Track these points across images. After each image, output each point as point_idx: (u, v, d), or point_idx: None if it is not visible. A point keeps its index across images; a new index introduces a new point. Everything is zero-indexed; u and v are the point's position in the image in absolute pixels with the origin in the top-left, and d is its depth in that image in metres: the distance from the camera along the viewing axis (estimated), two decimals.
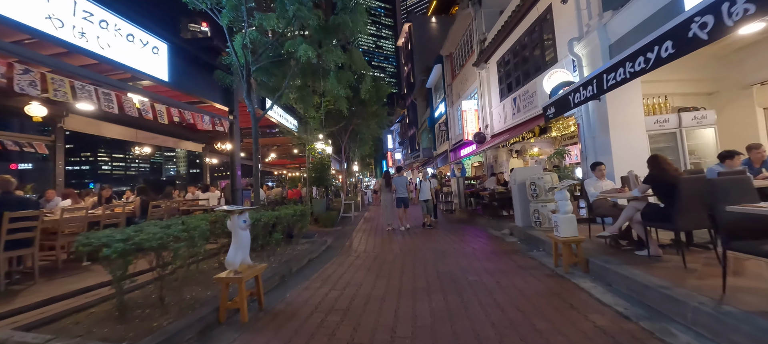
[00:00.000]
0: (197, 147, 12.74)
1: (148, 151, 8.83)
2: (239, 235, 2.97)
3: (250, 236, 3.09)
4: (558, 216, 4.01)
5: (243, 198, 6.56)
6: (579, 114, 6.79)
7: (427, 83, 23.13)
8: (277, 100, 5.94)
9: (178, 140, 11.06)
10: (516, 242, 5.92)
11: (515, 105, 10.31)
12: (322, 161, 10.15)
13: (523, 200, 6.43)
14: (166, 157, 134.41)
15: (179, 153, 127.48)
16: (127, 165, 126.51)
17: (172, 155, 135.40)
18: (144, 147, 8.68)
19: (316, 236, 6.75)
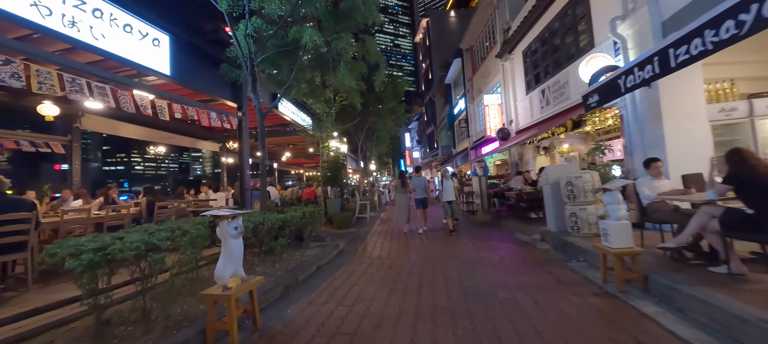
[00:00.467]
0: (214, 147, 12.74)
1: (163, 150, 8.77)
2: (229, 244, 2.55)
3: (242, 245, 2.66)
4: (608, 223, 3.35)
5: (252, 199, 6.25)
6: (622, 104, 5.98)
7: (446, 79, 22.35)
8: (285, 93, 5.56)
9: (195, 139, 11.07)
10: (549, 249, 5.23)
11: (543, 98, 9.48)
12: (337, 160, 9.76)
13: (557, 202, 5.71)
14: (193, 157, 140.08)
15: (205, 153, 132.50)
16: (158, 165, 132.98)
17: (199, 156, 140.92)
18: (158, 146, 8.61)
19: (328, 240, 6.34)
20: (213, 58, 5.61)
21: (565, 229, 5.56)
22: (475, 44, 16.47)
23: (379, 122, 16.56)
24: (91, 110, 7.25)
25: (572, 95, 8.02)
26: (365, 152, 19.15)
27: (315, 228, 5.37)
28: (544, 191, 6.08)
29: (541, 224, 6.73)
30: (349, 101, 6.53)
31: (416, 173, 9.13)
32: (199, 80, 5.44)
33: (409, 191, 8.24)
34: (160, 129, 9.16)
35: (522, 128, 11.26)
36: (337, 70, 5.23)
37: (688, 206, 3.81)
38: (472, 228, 7.99)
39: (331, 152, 9.78)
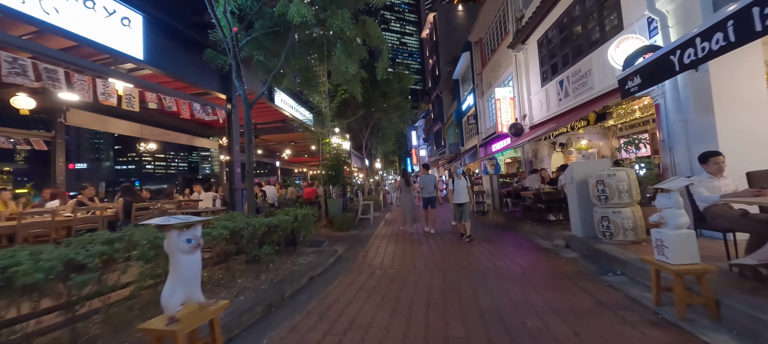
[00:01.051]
0: (213, 144, 12.29)
1: (154, 147, 8.30)
2: (180, 262, 1.97)
3: (200, 261, 2.07)
4: (665, 233, 2.66)
5: (244, 199, 5.70)
6: (659, 92, 5.23)
7: (454, 75, 21.58)
8: (277, 81, 4.99)
9: (192, 136, 10.60)
10: (577, 259, 4.54)
11: (562, 89, 8.72)
12: (338, 157, 9.17)
13: (584, 204, 5.01)
14: (202, 156, 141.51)
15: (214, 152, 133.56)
16: (168, 165, 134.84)
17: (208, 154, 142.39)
18: (149, 143, 8.15)
19: (326, 244, 5.75)
20: (196, 42, 5.06)
21: (593, 234, 4.86)
22: (484, 36, 15.70)
23: (385, 119, 15.94)
24: (76, 104, 6.80)
25: (596, 84, 7.27)
26: (370, 150, 18.56)
27: (309, 232, 4.79)
28: (568, 192, 5.38)
29: (563, 228, 6.03)
30: (350, 90, 5.93)
31: (424, 171, 8.62)
32: (180, 67, 4.88)
33: (414, 189, 7.91)
34: (154, 125, 8.70)
35: (536, 122, 10.51)
36: (334, 54, 4.62)
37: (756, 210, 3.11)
38: (485, 231, 7.30)
39: (332, 149, 9.19)
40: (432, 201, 7.59)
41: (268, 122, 11.07)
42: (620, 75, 4.10)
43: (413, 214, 7.71)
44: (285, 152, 13.95)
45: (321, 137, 8.85)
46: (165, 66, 4.51)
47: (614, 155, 10.78)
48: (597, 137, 10.81)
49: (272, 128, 11.69)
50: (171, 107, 4.42)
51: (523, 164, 11.61)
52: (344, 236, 7.23)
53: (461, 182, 6.46)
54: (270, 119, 10.80)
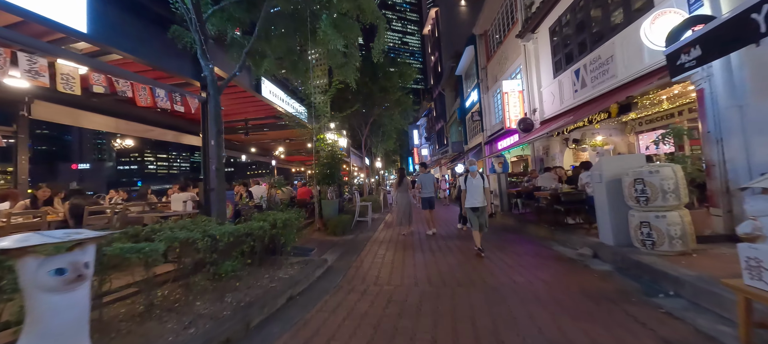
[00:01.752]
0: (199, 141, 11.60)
1: (131, 143, 7.61)
2: (43, 307, 1.24)
3: (83, 303, 1.34)
4: (765, 249, 1.91)
5: (224, 201, 4.97)
6: (703, 75, 4.47)
7: (457, 70, 20.82)
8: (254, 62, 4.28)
9: (179, 133, 9.90)
10: (612, 272, 3.79)
11: (578, 79, 7.95)
12: (334, 154, 8.44)
13: (617, 206, 4.25)
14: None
15: None
16: (170, 165, 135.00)
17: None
18: (126, 139, 7.46)
19: (315, 252, 5.03)
20: (160, 17, 4.33)
21: (628, 242, 4.10)
22: (489, 28, 14.92)
23: (385, 116, 15.22)
24: (40, 95, 6.13)
25: (619, 71, 6.51)
26: (370, 149, 17.85)
27: (291, 240, 4.06)
28: (595, 192, 4.62)
29: (586, 234, 5.27)
30: (343, 76, 5.20)
31: (423, 170, 8.02)
32: (140, 45, 4.14)
33: (411, 190, 7.53)
34: (133, 120, 8.00)
35: (547, 117, 9.74)
36: (319, 27, 3.89)
37: None
38: (494, 236, 6.55)
39: (326, 145, 8.47)
40: (431, 202, 7.30)
41: (260, 117, 10.37)
42: (670, 49, 3.34)
43: (408, 215, 7.22)
44: (278, 150, 13.22)
45: (314, 132, 8.13)
46: (118, 43, 3.79)
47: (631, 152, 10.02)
48: (613, 132, 10.05)
49: (264, 125, 11.00)
50: (125, 93, 3.70)
51: (533, 162, 10.85)
52: (338, 242, 6.50)
53: (476, 181, 4.95)
54: (262, 115, 10.10)
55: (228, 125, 11.41)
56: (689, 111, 7.30)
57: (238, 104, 9.19)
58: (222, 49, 4.69)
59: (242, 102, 8.80)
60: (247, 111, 9.94)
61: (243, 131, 11.10)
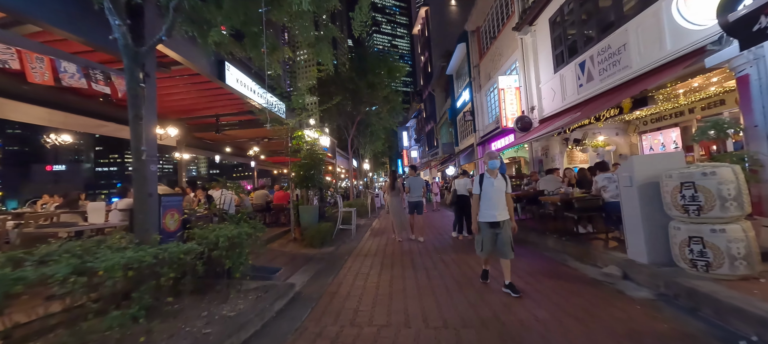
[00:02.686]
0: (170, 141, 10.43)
1: (69, 139, 6.45)
2: None
3: None
4: None
5: (161, 213, 3.93)
6: (746, 59, 3.74)
7: (448, 69, 20.18)
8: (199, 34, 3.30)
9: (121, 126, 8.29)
10: (655, 301, 2.96)
11: (583, 73, 7.25)
12: (314, 154, 7.47)
13: (653, 215, 3.46)
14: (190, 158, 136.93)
15: None
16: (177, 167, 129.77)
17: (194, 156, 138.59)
18: (61, 135, 6.29)
19: (282, 272, 4.04)
20: None
21: (668, 261, 3.30)
22: (482, 24, 14.27)
23: (373, 115, 14.30)
24: None
25: (634, 62, 5.80)
26: (358, 150, 16.88)
27: (241, 263, 3.06)
28: (624, 198, 3.82)
29: (604, 247, 4.48)
30: (317, 55, 4.27)
31: (412, 172, 7.45)
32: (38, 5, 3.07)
33: (401, 192, 6.97)
34: (72, 112, 6.81)
35: (547, 115, 9.04)
36: None
37: None
38: None
39: (304, 143, 7.50)
40: (419, 206, 6.89)
41: (233, 112, 9.31)
42: (737, 14, 2.55)
43: (401, 220, 6.91)
44: (252, 150, 12.12)
45: (291, 129, 7.15)
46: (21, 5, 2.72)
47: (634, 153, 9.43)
48: (615, 132, 9.45)
49: (238, 121, 9.92)
50: (6, 63, 2.66)
51: (532, 164, 10.13)
52: (315, 256, 5.52)
53: (497, 183, 3.37)
54: (234, 110, 9.03)
55: (198, 120, 10.31)
56: (702, 109, 6.70)
57: (205, 97, 8.11)
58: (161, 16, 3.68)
59: (209, 94, 7.74)
60: (217, 105, 8.86)
61: (214, 128, 10.02)
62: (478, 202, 3.43)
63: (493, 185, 3.35)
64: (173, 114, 9.45)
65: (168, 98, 7.89)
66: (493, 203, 3.34)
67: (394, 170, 8.44)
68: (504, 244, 3.31)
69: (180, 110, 9.14)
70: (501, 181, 3.40)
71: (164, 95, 7.53)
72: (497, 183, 3.37)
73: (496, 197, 3.35)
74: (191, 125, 10.35)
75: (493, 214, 3.33)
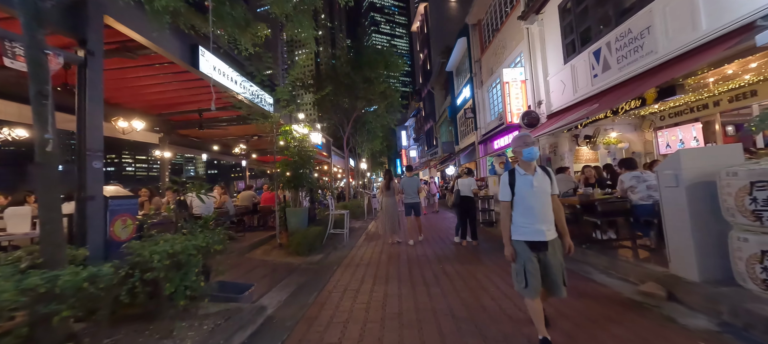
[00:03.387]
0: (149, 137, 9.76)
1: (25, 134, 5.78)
2: None
3: None
4: None
5: (108, 219, 3.25)
6: None
7: (448, 66, 19.57)
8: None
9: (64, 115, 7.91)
10: (721, 334, 2.31)
11: (598, 62, 6.60)
12: (303, 151, 6.81)
13: (705, 221, 2.81)
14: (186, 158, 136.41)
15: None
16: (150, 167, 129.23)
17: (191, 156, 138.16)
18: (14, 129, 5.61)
19: (252, 290, 3.36)
20: None
21: (728, 279, 2.65)
22: (484, 17, 13.63)
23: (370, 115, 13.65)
24: None
25: (660, 46, 5.15)
26: (354, 149, 16.23)
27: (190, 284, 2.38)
28: (668, 200, 3.17)
29: (633, 256, 3.82)
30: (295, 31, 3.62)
31: (408, 173, 7.05)
32: None
33: (395, 193, 6.73)
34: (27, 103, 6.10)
35: (556, 109, 8.40)
36: None
37: None
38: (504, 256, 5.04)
39: (292, 139, 6.84)
40: (415, 208, 6.63)
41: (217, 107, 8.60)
42: None
43: (393, 222, 6.59)
44: (238, 147, 11.44)
45: (277, 124, 6.49)
46: None
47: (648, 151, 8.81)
48: (627, 128, 8.82)
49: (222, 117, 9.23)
50: None
51: (542, 162, 9.45)
52: (299, 266, 4.85)
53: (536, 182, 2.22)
54: (219, 104, 8.33)
55: (181, 116, 9.60)
56: (728, 101, 6.06)
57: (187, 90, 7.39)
58: None
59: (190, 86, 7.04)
60: (201, 99, 8.17)
61: (196, 124, 9.32)
62: (509, 212, 2.27)
63: (532, 185, 2.19)
64: (154, 109, 8.75)
65: (145, 89, 7.19)
66: (534, 212, 2.18)
67: (389, 169, 7.83)
68: (554, 275, 2.16)
69: (161, 104, 8.45)
70: (543, 178, 2.24)
71: (140, 86, 6.85)
72: (538, 182, 2.21)
73: (539, 202, 2.19)
74: (175, 121, 9.66)
75: (537, 229, 2.17)
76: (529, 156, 2.24)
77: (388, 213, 6.65)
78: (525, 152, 2.25)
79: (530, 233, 2.19)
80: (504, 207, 2.31)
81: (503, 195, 2.31)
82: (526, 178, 2.24)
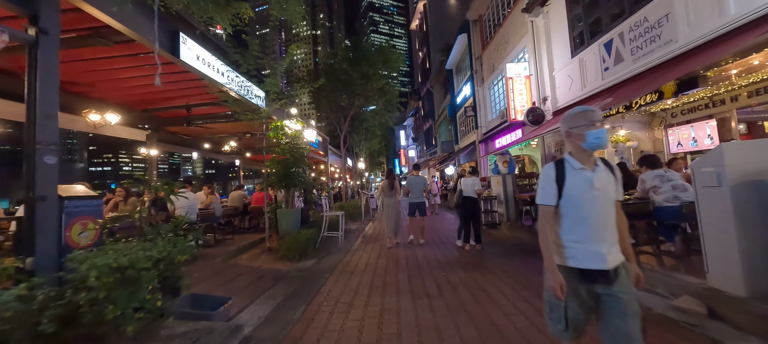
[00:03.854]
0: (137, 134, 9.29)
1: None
2: None
3: None
4: None
5: (64, 222, 2.83)
6: None
7: (448, 64, 19.20)
8: None
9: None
10: None
11: (609, 54, 6.21)
12: (294, 148, 6.39)
13: (753, 227, 2.41)
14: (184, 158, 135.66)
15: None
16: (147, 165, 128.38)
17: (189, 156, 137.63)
18: None
19: (230, 304, 2.93)
20: None
21: None
22: (485, 12, 13.24)
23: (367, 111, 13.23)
24: None
25: (680, 35, 4.76)
26: (352, 148, 15.81)
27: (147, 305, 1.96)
28: (707, 202, 2.76)
29: (658, 265, 3.43)
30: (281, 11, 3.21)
31: (415, 172, 6.78)
32: None
33: (397, 193, 6.45)
34: None
35: (563, 105, 8.01)
36: None
37: None
38: (511, 262, 4.63)
39: (283, 136, 6.42)
40: (421, 208, 6.41)
41: (206, 102, 8.16)
42: None
43: (396, 223, 6.33)
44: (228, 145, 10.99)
45: (267, 119, 6.07)
46: None
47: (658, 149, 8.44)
48: (636, 126, 8.45)
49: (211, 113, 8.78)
50: None
51: (544, 162, 9.07)
52: (288, 273, 4.42)
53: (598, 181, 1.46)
54: (209, 99, 7.89)
55: (169, 112, 9.14)
56: (748, 96, 5.70)
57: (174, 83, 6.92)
58: None
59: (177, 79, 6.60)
60: (189, 94, 7.72)
61: (185, 120, 8.88)
62: (552, 222, 1.53)
63: (592, 184, 1.45)
64: (139, 104, 8.29)
65: (128, 83, 6.73)
66: (591, 224, 1.45)
67: (391, 168, 7.45)
68: (623, 323, 1.37)
69: (146, 99, 7.98)
70: (606, 176, 1.50)
71: (121, 79, 6.38)
72: (601, 181, 1.47)
73: (599, 211, 1.45)
74: (162, 117, 9.21)
75: (595, 252, 1.44)
76: (597, 142, 1.45)
77: (391, 214, 6.31)
78: (590, 136, 1.44)
79: (584, 256, 1.44)
80: (545, 215, 1.52)
81: (545, 196, 1.52)
82: (583, 174, 1.46)
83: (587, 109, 1.52)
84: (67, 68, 5.26)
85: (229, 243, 6.26)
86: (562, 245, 1.51)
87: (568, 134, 1.55)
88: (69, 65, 5.23)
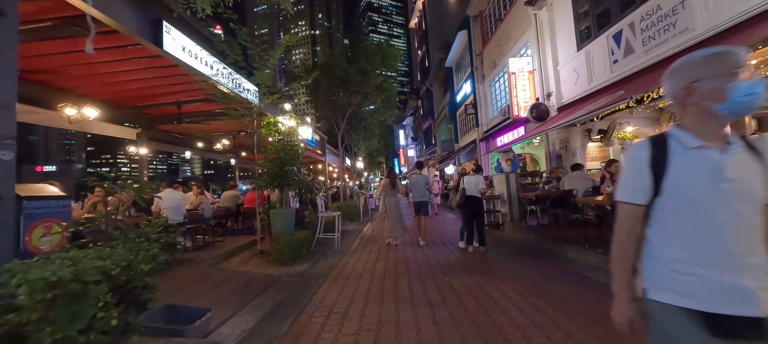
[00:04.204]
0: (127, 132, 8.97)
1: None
2: None
3: None
4: None
5: (23, 225, 2.53)
6: None
7: (447, 61, 18.89)
8: None
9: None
10: None
11: (619, 46, 5.92)
12: (288, 145, 6.08)
13: None
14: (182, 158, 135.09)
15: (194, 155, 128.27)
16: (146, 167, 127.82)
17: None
18: None
19: (208, 317, 2.62)
20: None
21: None
22: (486, 7, 12.94)
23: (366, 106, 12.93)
24: None
25: (697, 23, 4.47)
26: (350, 147, 15.49)
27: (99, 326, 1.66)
28: None
29: None
30: None
31: (417, 170, 6.66)
32: None
33: (398, 192, 6.40)
34: None
35: (568, 101, 7.71)
36: None
37: None
38: (518, 265, 4.32)
39: (276, 133, 6.11)
40: (424, 207, 6.25)
41: (198, 99, 7.84)
42: None
43: (401, 223, 6.21)
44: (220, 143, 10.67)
45: (258, 114, 5.76)
46: None
47: None
48: (643, 123, 8.16)
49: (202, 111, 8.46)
50: None
51: (549, 160, 8.78)
52: (279, 279, 4.11)
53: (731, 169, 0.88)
54: (202, 95, 7.57)
55: (160, 109, 8.81)
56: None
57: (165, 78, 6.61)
58: None
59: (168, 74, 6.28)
60: (180, 90, 7.40)
61: (176, 118, 8.56)
62: (636, 229, 1.00)
63: (720, 172, 0.88)
64: (128, 101, 7.97)
65: (114, 78, 6.40)
66: (721, 236, 0.88)
67: (391, 167, 7.20)
68: None
69: (134, 95, 7.65)
70: (746, 162, 0.91)
71: (106, 73, 6.06)
72: (735, 168, 0.88)
73: (736, 217, 0.87)
74: (153, 115, 8.88)
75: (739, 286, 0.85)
76: (747, 101, 0.87)
77: (395, 214, 6.15)
78: (737, 91, 0.88)
79: (712, 292, 0.87)
80: (626, 218, 1.01)
81: (627, 190, 1.01)
82: (703, 156, 0.91)
83: (724, 50, 0.92)
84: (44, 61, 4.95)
85: (219, 246, 5.95)
86: (671, 269, 0.91)
87: (688, 91, 0.94)
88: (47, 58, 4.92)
